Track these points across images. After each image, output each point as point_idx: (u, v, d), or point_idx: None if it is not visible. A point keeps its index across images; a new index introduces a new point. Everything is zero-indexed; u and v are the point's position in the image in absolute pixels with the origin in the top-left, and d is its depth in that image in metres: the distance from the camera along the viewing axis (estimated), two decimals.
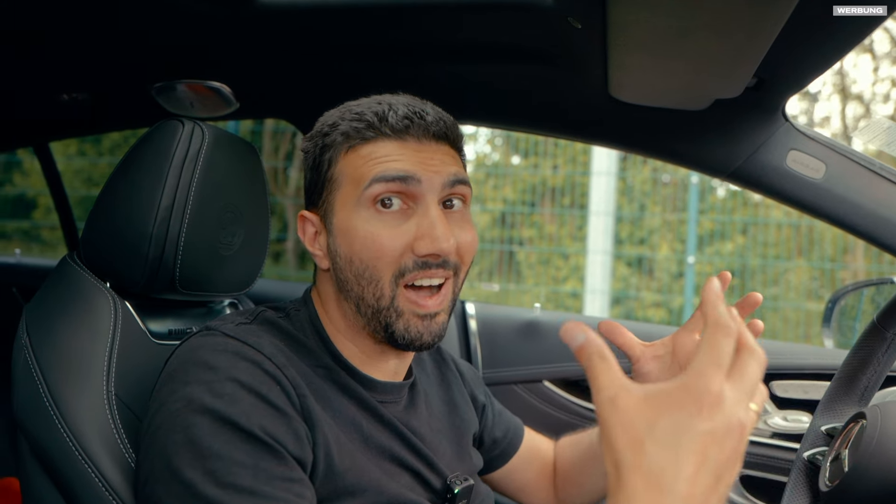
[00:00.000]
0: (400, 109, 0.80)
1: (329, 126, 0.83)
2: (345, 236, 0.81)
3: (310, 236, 0.86)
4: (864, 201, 1.15)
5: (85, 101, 1.44)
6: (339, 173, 0.82)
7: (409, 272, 0.79)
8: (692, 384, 0.48)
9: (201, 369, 0.74)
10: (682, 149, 1.24)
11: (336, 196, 0.82)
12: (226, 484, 0.67)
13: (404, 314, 0.80)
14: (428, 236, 0.78)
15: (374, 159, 0.79)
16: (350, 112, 0.82)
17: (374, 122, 0.80)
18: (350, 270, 0.81)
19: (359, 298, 0.81)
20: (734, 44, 0.87)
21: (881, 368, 0.93)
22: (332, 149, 0.82)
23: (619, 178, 4.64)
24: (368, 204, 0.79)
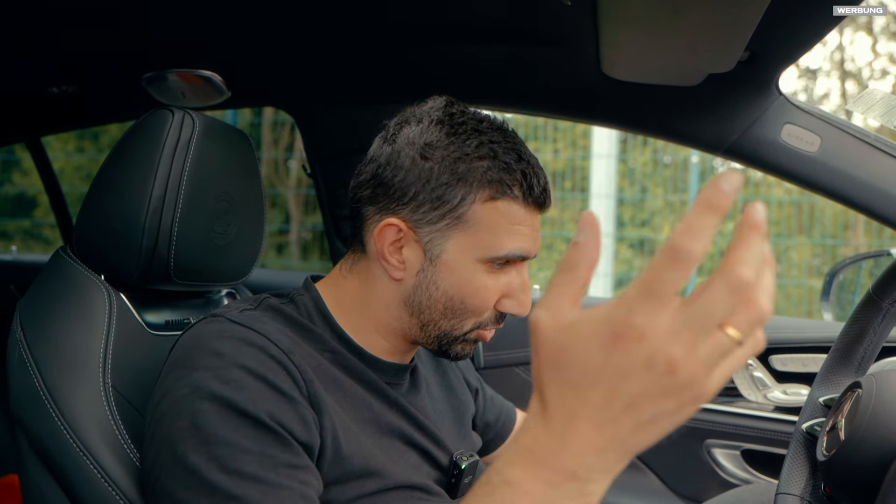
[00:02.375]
0: (541, 177, 0.83)
1: (469, 158, 0.80)
2: (453, 275, 0.82)
3: (390, 242, 0.82)
4: (860, 174, 1.15)
5: (75, 93, 1.43)
6: (472, 217, 0.80)
7: (488, 325, 0.86)
8: (612, 313, 0.43)
9: (207, 355, 0.74)
10: (676, 125, 1.24)
11: (457, 234, 0.81)
12: (231, 470, 0.67)
13: (468, 340, 0.87)
14: (517, 297, 0.84)
15: (512, 226, 0.81)
16: (494, 155, 0.80)
17: (521, 183, 0.81)
18: (441, 302, 0.83)
19: (432, 321, 0.85)
20: (725, 16, 0.87)
21: (877, 339, 0.93)
22: (470, 187, 0.80)
23: (620, 161, 4.63)
24: (489, 261, 0.82)
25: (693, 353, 0.41)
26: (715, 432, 1.40)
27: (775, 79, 1.13)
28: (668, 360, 0.42)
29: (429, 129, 0.82)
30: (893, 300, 0.89)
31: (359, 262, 0.87)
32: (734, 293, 0.41)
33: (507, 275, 0.84)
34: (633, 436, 0.45)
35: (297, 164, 5.17)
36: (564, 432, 0.46)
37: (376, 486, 0.78)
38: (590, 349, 0.44)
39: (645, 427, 0.45)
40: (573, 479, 0.47)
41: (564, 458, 0.46)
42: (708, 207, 0.41)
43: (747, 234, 0.42)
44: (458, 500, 0.88)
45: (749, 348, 0.43)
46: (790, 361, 1.40)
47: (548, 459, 0.47)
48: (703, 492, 1.37)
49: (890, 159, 1.15)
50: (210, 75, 1.27)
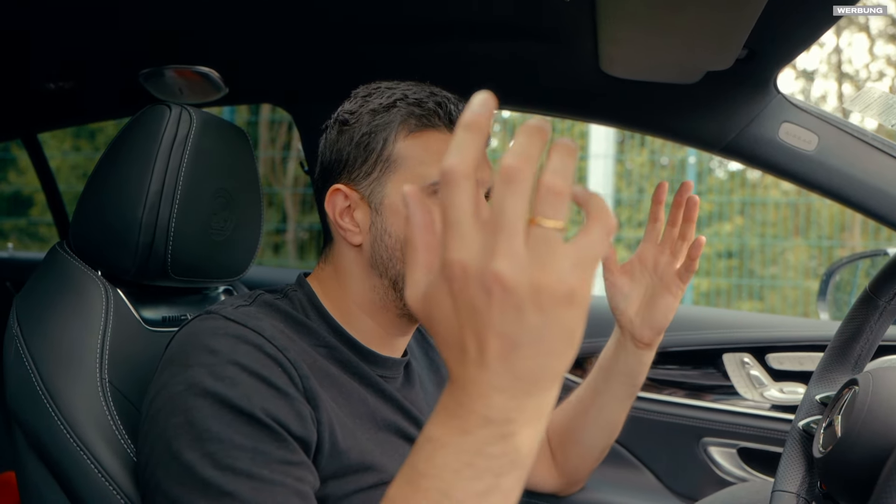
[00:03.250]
0: (454, 102, 0.86)
1: (383, 107, 0.86)
2: (399, 216, 0.84)
3: (340, 209, 0.87)
4: (857, 172, 1.15)
5: (72, 89, 1.43)
6: (397, 156, 0.85)
7: None
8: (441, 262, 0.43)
9: (202, 353, 0.74)
10: (674, 123, 1.24)
11: (390, 176, 0.85)
12: (224, 466, 0.67)
13: None
14: None
15: (437, 152, 0.84)
16: (404, 98, 0.86)
17: (437, 112, 0.85)
18: (399, 248, 0.84)
19: (399, 275, 0.85)
20: (723, 14, 0.87)
21: (874, 336, 0.94)
22: (387, 130, 0.85)
23: (618, 161, 4.64)
24: (429, 192, 0.83)
25: (515, 259, 0.40)
26: (711, 430, 1.40)
27: (773, 77, 1.13)
28: (497, 278, 0.40)
29: (347, 103, 0.89)
30: (890, 298, 0.89)
31: (330, 250, 0.91)
32: (509, 183, 0.40)
33: None
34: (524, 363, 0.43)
35: (294, 162, 5.17)
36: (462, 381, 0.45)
37: (373, 480, 0.78)
38: (441, 302, 0.43)
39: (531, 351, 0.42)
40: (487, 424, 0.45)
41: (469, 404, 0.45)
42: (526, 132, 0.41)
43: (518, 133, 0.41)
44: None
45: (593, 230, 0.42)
46: (786, 360, 1.40)
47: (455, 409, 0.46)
48: (699, 490, 1.37)
49: (888, 158, 1.15)
50: (207, 72, 1.27)
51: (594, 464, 1.17)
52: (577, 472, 1.18)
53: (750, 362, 1.43)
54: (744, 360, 1.42)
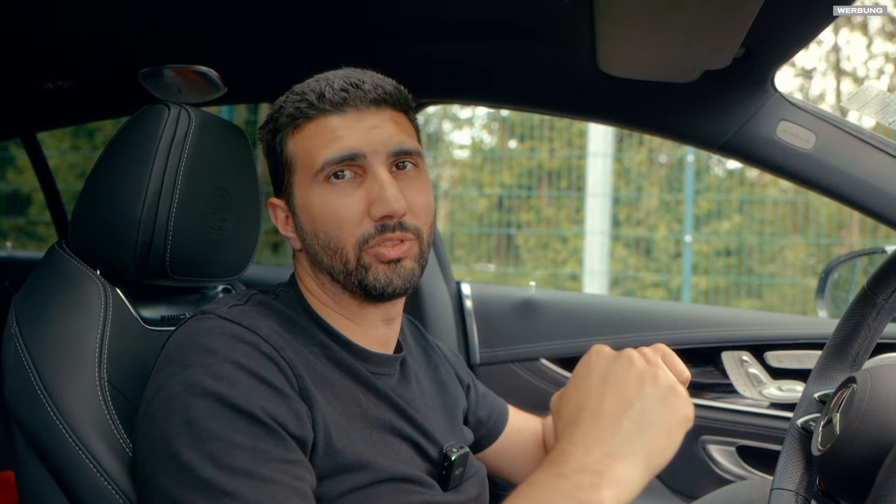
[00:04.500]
0: (336, 82, 0.83)
1: (276, 111, 0.88)
2: (306, 213, 0.85)
3: (282, 221, 0.91)
4: (855, 171, 1.16)
5: (70, 89, 1.43)
6: (291, 154, 0.86)
7: (371, 238, 0.82)
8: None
9: (200, 352, 0.74)
10: (672, 122, 1.25)
11: (293, 178, 0.86)
12: (223, 465, 0.67)
13: (371, 266, 0.83)
14: (379, 199, 0.81)
15: (320, 137, 0.83)
16: (292, 93, 0.86)
17: (313, 100, 0.83)
18: (317, 244, 0.85)
19: (330, 268, 0.85)
20: (721, 13, 0.88)
21: (872, 334, 0.94)
22: (280, 132, 0.87)
23: (616, 160, 4.65)
24: (322, 181, 0.83)
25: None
26: (710, 428, 1.41)
27: (771, 76, 1.14)
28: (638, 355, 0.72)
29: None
30: (888, 296, 0.89)
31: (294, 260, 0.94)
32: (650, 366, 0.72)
33: (360, 187, 0.83)
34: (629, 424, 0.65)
35: None
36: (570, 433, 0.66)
37: (368, 479, 0.78)
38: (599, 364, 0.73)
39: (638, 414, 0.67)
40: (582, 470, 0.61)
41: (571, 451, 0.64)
42: None
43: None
44: (450, 492, 0.88)
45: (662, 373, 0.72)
46: (785, 358, 1.41)
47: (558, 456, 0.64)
48: (698, 488, 1.37)
49: (885, 156, 1.16)
50: (206, 71, 1.27)
51: None
52: None
53: (749, 360, 1.43)
54: (742, 358, 1.43)
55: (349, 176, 0.83)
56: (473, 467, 0.95)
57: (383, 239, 0.82)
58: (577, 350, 1.52)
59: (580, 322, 1.53)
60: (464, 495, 0.90)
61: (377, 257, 0.83)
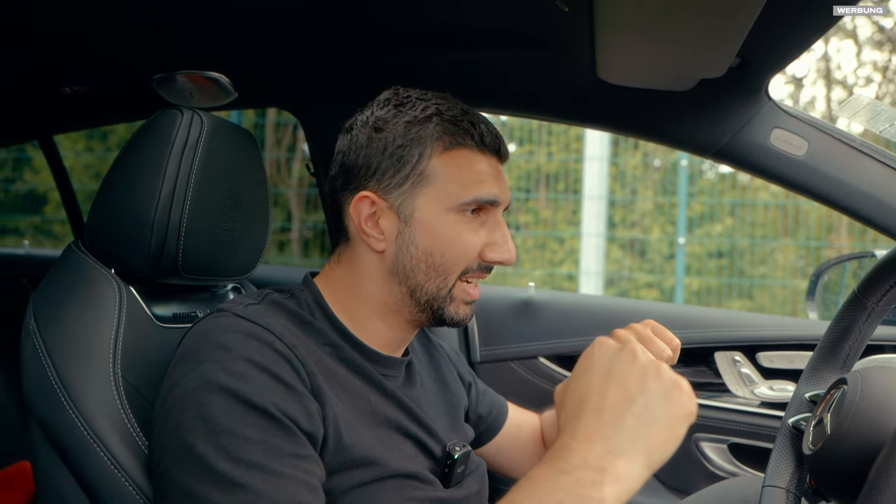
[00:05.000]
0: (488, 125, 0.89)
1: (418, 120, 0.87)
2: (428, 231, 0.86)
3: (365, 216, 0.88)
4: (846, 177, 1.17)
5: (87, 93, 1.45)
6: (432, 171, 0.86)
7: (473, 272, 0.89)
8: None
9: (215, 349, 0.76)
10: (668, 129, 1.26)
11: (423, 190, 0.86)
12: (236, 458, 0.69)
13: (456, 300, 0.89)
14: (501, 247, 0.89)
15: (471, 172, 0.86)
16: (439, 112, 0.87)
17: (472, 133, 0.87)
18: (424, 261, 0.87)
19: (418, 285, 0.88)
20: (717, 23, 0.89)
21: (862, 336, 0.94)
22: (422, 144, 0.86)
23: (612, 164, 4.66)
24: (457, 210, 0.86)
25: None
26: (703, 426, 1.42)
27: (765, 84, 1.15)
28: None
29: (378, 108, 0.90)
30: (878, 300, 0.91)
31: (345, 251, 0.92)
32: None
33: (485, 225, 0.89)
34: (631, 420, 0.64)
35: (298, 163, 5.19)
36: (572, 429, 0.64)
37: (375, 475, 0.80)
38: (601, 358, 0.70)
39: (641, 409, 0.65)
40: (584, 466, 0.61)
41: (573, 446, 0.63)
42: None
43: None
44: (451, 488, 0.90)
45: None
46: (777, 358, 1.42)
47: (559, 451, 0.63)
48: (691, 484, 1.38)
49: (876, 163, 1.17)
50: (217, 77, 1.28)
51: None
52: None
53: (741, 360, 1.44)
54: (735, 358, 1.44)
55: (474, 214, 0.88)
56: (474, 463, 0.97)
57: (480, 275, 0.90)
58: (574, 349, 1.54)
59: (577, 322, 1.54)
60: (465, 490, 0.92)
61: (464, 294, 0.90)
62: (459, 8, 1.08)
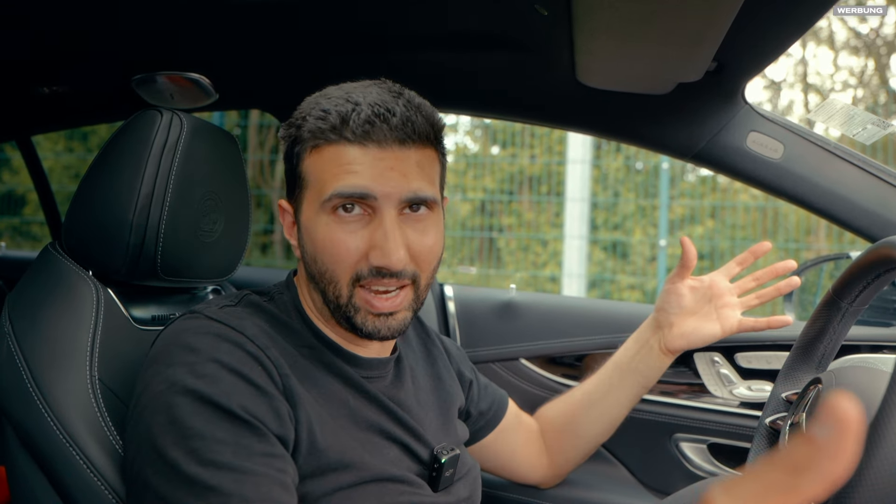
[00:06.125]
0: (364, 110, 0.77)
1: (300, 119, 0.82)
2: (309, 235, 0.82)
3: (288, 225, 0.88)
4: (821, 180, 1.19)
5: (65, 94, 1.44)
6: (305, 172, 0.82)
7: (365, 278, 0.80)
8: None
9: (184, 351, 0.75)
10: (647, 132, 1.28)
11: (304, 194, 0.83)
12: (207, 462, 0.68)
13: (360, 311, 0.81)
14: (379, 249, 0.78)
15: (337, 166, 0.78)
16: (318, 107, 0.80)
17: (336, 125, 0.78)
18: (314, 267, 0.83)
19: (323, 293, 0.83)
20: (693, 28, 0.91)
21: (837, 337, 0.95)
22: (299, 144, 0.82)
23: (594, 166, 4.69)
24: (329, 210, 0.79)
25: None
26: (682, 426, 1.43)
27: (741, 88, 1.17)
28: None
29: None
30: (852, 300, 0.91)
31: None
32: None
33: (368, 226, 0.79)
34: None
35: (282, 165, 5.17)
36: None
37: (353, 479, 0.78)
38: None
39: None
40: None
41: None
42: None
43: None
44: (439, 493, 0.89)
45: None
46: (754, 359, 1.43)
47: None
48: (671, 484, 1.38)
49: (850, 166, 1.19)
50: (198, 78, 1.28)
51: (585, 457, 1.20)
52: (567, 464, 1.21)
53: (720, 361, 1.46)
54: (714, 358, 1.46)
55: (357, 211, 0.79)
56: (465, 467, 0.95)
57: (377, 282, 0.80)
58: (555, 350, 1.54)
59: (559, 323, 1.55)
60: (454, 496, 0.91)
61: (367, 305, 0.81)
62: (440, 12, 1.09)
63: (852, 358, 1.33)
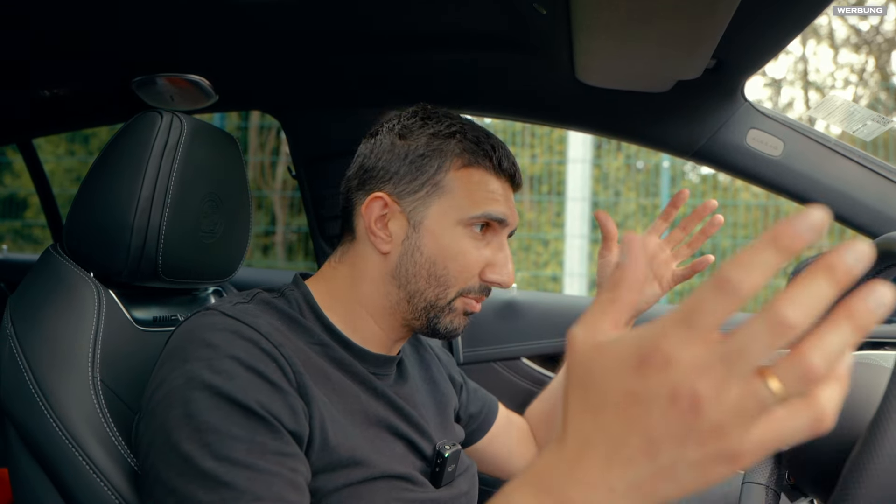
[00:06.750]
0: (508, 154, 0.92)
1: (443, 134, 0.89)
2: (435, 240, 0.87)
3: (376, 216, 0.89)
4: (822, 177, 1.20)
5: (66, 96, 1.44)
6: (448, 183, 0.88)
7: (473, 293, 0.90)
8: (644, 336, 0.38)
9: (201, 347, 0.76)
10: (647, 130, 1.28)
11: (436, 200, 0.88)
12: (221, 456, 0.69)
13: (456, 311, 0.90)
14: (500, 267, 0.90)
15: (487, 191, 0.89)
16: (463, 132, 0.90)
17: (491, 155, 0.89)
18: (426, 268, 0.88)
19: (418, 292, 0.88)
20: (692, 26, 0.91)
21: None
22: (444, 157, 0.89)
23: (595, 166, 4.69)
24: (466, 224, 0.88)
25: (722, 394, 0.35)
26: None
27: (741, 86, 1.17)
28: (692, 395, 0.36)
29: (405, 117, 0.92)
30: None
31: (348, 251, 0.92)
32: (774, 335, 0.34)
33: (489, 245, 0.90)
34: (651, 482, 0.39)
35: (282, 167, 5.20)
36: (576, 461, 0.41)
37: (362, 476, 0.80)
38: (614, 371, 0.39)
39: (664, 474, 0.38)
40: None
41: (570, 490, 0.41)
42: (772, 243, 0.34)
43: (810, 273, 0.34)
44: (442, 488, 0.90)
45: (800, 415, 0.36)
46: None
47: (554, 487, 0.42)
48: None
49: (850, 163, 1.20)
50: (198, 79, 1.28)
51: None
52: None
53: None
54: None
55: (481, 231, 0.90)
56: (464, 464, 0.97)
57: (479, 298, 0.91)
58: (556, 349, 1.55)
59: (559, 322, 1.55)
60: (456, 490, 0.92)
61: (465, 307, 0.90)
62: (439, 11, 1.09)
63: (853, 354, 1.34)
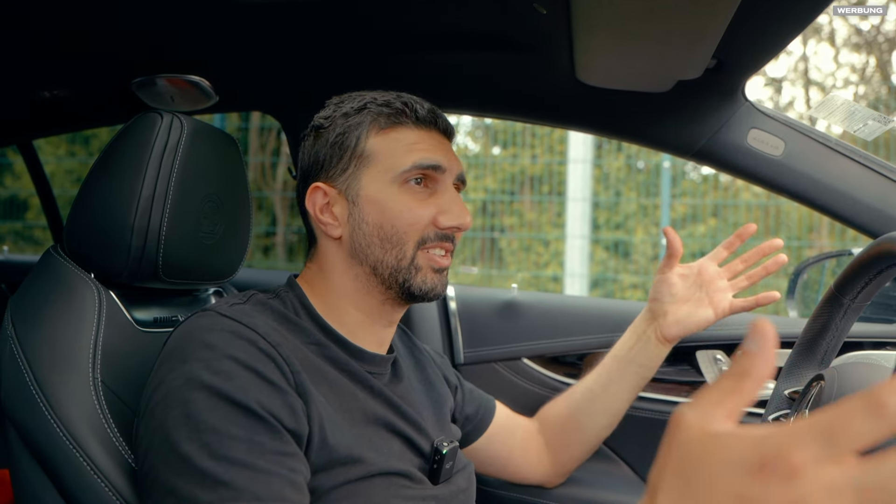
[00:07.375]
0: (422, 103, 0.93)
1: (354, 110, 0.92)
2: (375, 206, 0.89)
3: (319, 206, 0.92)
4: (822, 177, 1.19)
5: (66, 97, 1.44)
6: (371, 150, 0.90)
7: (431, 241, 0.90)
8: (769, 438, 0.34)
9: (199, 348, 0.76)
10: (647, 130, 1.28)
11: (365, 170, 0.90)
12: (220, 456, 0.69)
13: (422, 269, 0.90)
14: (451, 212, 0.90)
15: (406, 144, 0.90)
16: (373, 101, 0.92)
17: (404, 111, 0.91)
18: (376, 234, 0.89)
19: (378, 261, 0.89)
20: (692, 25, 0.91)
21: (839, 333, 0.95)
22: (359, 129, 0.91)
23: (595, 166, 4.70)
24: (401, 182, 0.89)
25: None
26: None
27: (741, 86, 1.17)
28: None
29: (321, 112, 0.95)
30: (854, 297, 0.91)
31: (315, 251, 0.95)
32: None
33: (434, 194, 0.91)
34: None
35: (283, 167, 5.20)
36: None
37: (361, 473, 0.80)
38: (729, 468, 0.35)
39: None
40: None
41: None
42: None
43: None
44: (440, 485, 0.91)
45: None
46: None
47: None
48: None
49: (851, 163, 1.19)
50: (198, 80, 1.28)
51: (589, 453, 1.21)
52: (571, 462, 1.22)
53: (722, 359, 1.46)
54: (716, 356, 1.46)
55: (422, 184, 0.91)
56: (462, 461, 0.98)
57: (440, 245, 0.91)
58: (557, 349, 1.54)
59: (560, 323, 1.55)
60: (454, 486, 0.93)
61: (430, 262, 0.91)
62: (439, 11, 1.09)
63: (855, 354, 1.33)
